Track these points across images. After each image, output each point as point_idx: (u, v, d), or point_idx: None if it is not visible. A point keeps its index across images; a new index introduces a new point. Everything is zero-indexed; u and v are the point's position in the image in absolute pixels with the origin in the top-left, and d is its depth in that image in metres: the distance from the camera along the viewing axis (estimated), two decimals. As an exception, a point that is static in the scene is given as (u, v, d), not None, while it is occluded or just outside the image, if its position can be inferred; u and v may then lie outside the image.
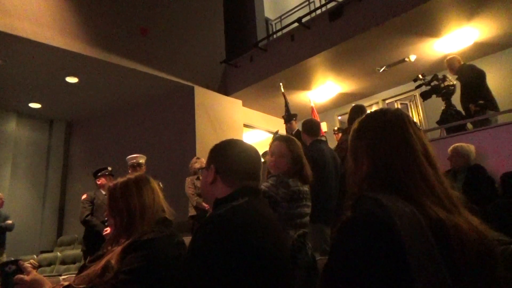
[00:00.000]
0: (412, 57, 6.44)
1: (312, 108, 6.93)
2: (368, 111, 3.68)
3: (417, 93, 6.57)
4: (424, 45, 6.13)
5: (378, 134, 0.92)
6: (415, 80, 5.32)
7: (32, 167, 7.92)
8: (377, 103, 7.93)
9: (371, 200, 0.78)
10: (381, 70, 6.84)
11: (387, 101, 7.87)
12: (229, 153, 1.34)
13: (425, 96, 5.17)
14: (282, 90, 6.50)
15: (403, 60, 6.55)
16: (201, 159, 5.46)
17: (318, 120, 6.37)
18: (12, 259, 1.34)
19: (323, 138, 3.55)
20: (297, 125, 5.35)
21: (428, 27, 5.64)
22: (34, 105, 7.54)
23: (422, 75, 5.30)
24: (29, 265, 1.33)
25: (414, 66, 6.64)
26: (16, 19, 5.14)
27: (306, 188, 2.17)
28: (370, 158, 0.90)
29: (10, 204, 6.17)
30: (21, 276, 1.26)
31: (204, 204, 4.95)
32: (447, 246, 0.73)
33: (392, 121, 0.92)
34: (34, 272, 1.30)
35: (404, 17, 5.34)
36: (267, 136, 8.46)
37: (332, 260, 0.79)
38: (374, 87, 7.64)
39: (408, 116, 0.95)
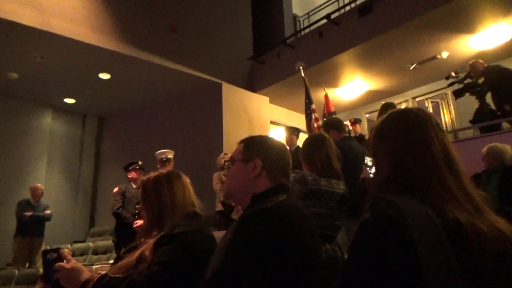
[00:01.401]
0: (444, 54, 6.27)
1: (325, 96, 6.71)
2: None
3: (449, 91, 6.40)
4: (457, 41, 5.94)
5: (397, 137, 0.90)
6: (447, 78, 5.19)
7: (66, 160, 8.24)
8: (406, 101, 7.76)
9: (386, 202, 0.78)
10: (411, 67, 6.69)
11: (417, 99, 7.69)
12: (272, 148, 1.34)
13: (457, 94, 5.03)
14: (303, 75, 6.32)
15: (435, 57, 6.38)
16: (228, 154, 5.51)
17: (333, 109, 6.42)
18: (53, 247, 1.42)
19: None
20: (297, 141, 5.07)
21: (462, 23, 5.46)
22: (69, 100, 7.82)
23: (455, 73, 5.16)
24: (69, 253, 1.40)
25: (446, 63, 6.45)
26: (52, 17, 5.35)
27: (336, 189, 2.13)
28: (389, 162, 0.89)
29: (46, 195, 6.45)
30: (62, 263, 1.33)
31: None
32: (464, 248, 0.72)
33: (413, 124, 0.91)
34: (73, 260, 1.37)
35: (436, 12, 5.19)
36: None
37: (348, 261, 0.80)
38: (403, 85, 7.48)
39: (431, 117, 0.93)
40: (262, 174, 1.29)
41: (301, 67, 6.34)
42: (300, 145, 3.25)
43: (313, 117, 6.06)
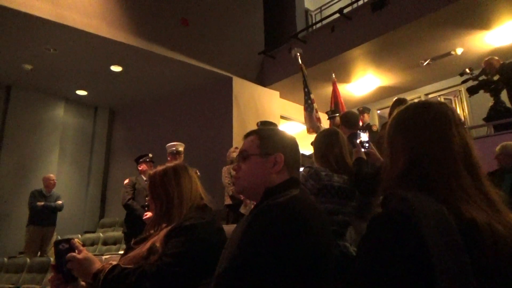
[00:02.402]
0: (459, 50, 6.17)
1: (333, 82, 6.47)
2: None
3: (462, 88, 6.31)
4: (472, 37, 5.84)
5: (416, 131, 0.88)
6: (461, 74, 5.11)
7: (77, 152, 8.34)
8: (419, 97, 7.67)
9: (399, 198, 0.76)
10: (424, 64, 6.60)
11: (430, 96, 7.59)
12: (289, 142, 1.33)
13: (472, 91, 4.96)
14: (300, 62, 6.13)
15: (449, 53, 6.28)
16: (238, 148, 5.52)
17: (340, 97, 6.24)
18: (65, 238, 1.43)
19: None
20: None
21: (477, 18, 5.36)
22: (81, 92, 7.90)
23: (469, 69, 5.08)
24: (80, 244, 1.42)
25: (460, 60, 6.35)
26: (66, 9, 5.39)
27: (348, 186, 2.12)
28: (406, 155, 0.86)
29: (57, 185, 6.54)
30: (74, 254, 1.34)
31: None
32: (478, 248, 0.71)
33: (434, 118, 0.87)
34: (85, 250, 1.38)
35: (451, 8, 5.11)
36: (304, 128, 8.41)
37: (358, 257, 0.79)
38: (416, 81, 7.39)
39: (453, 112, 0.89)
40: (283, 169, 1.27)
41: (298, 54, 6.14)
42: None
43: (314, 107, 5.88)
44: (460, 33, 5.74)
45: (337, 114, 5.26)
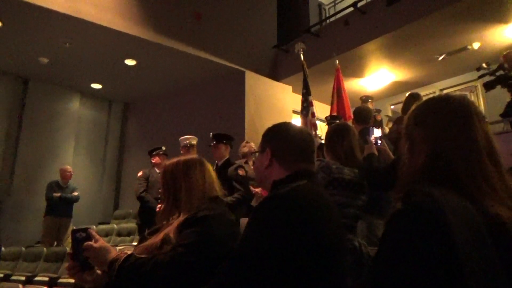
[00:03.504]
0: (476, 45, 6.05)
1: (337, 69, 6.05)
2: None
3: (479, 83, 6.20)
4: (490, 32, 5.72)
5: (439, 124, 0.86)
6: (478, 69, 5.02)
7: (92, 144, 8.47)
8: (434, 92, 7.56)
9: (423, 193, 0.74)
10: (440, 58, 6.50)
11: (445, 91, 7.47)
12: (284, 136, 1.34)
13: (488, 86, 4.86)
14: (302, 59, 5.82)
15: (465, 48, 6.17)
16: (250, 143, 5.54)
17: (343, 87, 5.88)
18: (83, 227, 1.47)
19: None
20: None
21: (495, 12, 5.25)
22: (96, 86, 8.00)
23: (486, 64, 4.98)
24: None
25: (477, 55, 6.23)
26: (81, 3, 5.45)
27: (358, 179, 2.12)
28: (428, 149, 0.84)
29: (72, 177, 6.66)
30: (90, 243, 1.38)
31: (251, 187, 5.04)
32: (505, 244, 0.69)
33: (457, 111, 0.86)
34: (101, 240, 1.42)
35: (468, 1, 5.00)
36: (317, 123, 8.37)
37: (380, 252, 0.77)
38: (431, 76, 7.29)
39: (475, 105, 0.88)
40: (273, 162, 1.30)
41: (301, 49, 5.87)
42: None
43: (310, 111, 5.50)
44: (477, 27, 5.63)
45: (338, 121, 4.87)
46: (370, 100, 6.03)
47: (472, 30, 5.70)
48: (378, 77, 7.25)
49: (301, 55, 5.79)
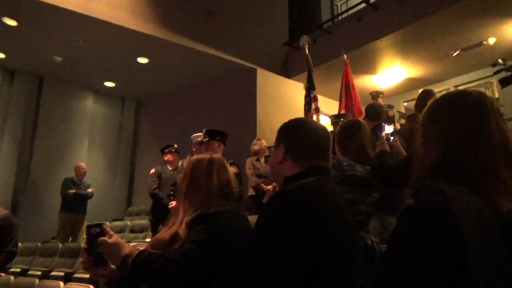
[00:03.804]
0: (491, 40, 5.94)
1: (346, 64, 5.76)
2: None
3: (494, 79, 6.09)
4: (506, 27, 5.60)
5: (453, 120, 0.85)
6: (494, 65, 4.93)
7: (106, 142, 8.59)
8: (448, 89, 7.45)
9: (433, 189, 0.74)
10: (454, 54, 6.39)
11: (459, 87, 7.37)
12: (298, 132, 1.33)
13: (504, 82, 4.78)
14: (307, 52, 5.64)
15: (481, 44, 6.06)
16: (261, 140, 5.55)
17: (353, 83, 5.59)
18: (97, 223, 1.50)
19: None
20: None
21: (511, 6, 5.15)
22: (109, 84, 8.10)
23: (502, 60, 4.89)
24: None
25: (492, 50, 6.12)
26: (94, 1, 5.52)
27: (370, 176, 2.10)
28: (441, 145, 0.84)
29: (87, 174, 6.77)
30: (104, 238, 1.40)
31: (263, 185, 5.05)
32: None
33: (473, 107, 0.84)
34: (115, 235, 1.44)
35: (484, -4, 4.92)
36: (328, 120, 8.33)
37: (389, 249, 0.77)
38: (445, 72, 7.18)
39: (492, 102, 0.86)
40: (286, 158, 1.30)
41: (306, 43, 5.68)
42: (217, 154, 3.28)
43: (313, 107, 5.33)
44: (493, 22, 5.52)
45: (342, 119, 4.59)
46: (380, 96, 5.86)
47: (488, 25, 5.60)
48: (391, 73, 7.17)
49: (306, 49, 5.64)
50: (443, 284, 0.65)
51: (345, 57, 5.83)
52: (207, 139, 3.93)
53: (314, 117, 5.11)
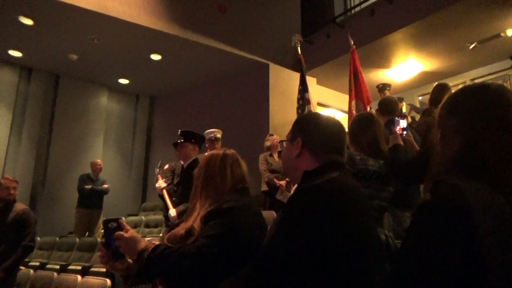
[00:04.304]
0: (509, 32, 5.80)
1: (352, 51, 5.43)
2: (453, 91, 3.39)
3: (512, 72, 5.95)
4: (525, 18, 5.47)
5: (473, 113, 0.83)
6: (511, 58, 4.83)
7: (120, 138, 8.70)
8: (464, 82, 7.31)
9: (450, 185, 0.73)
10: (471, 47, 6.27)
11: (476, 81, 7.22)
12: (316, 125, 1.32)
13: (522, 75, 4.67)
14: (299, 52, 5.35)
15: (498, 35, 5.92)
16: (273, 135, 5.55)
17: (360, 70, 5.28)
18: (114, 217, 1.52)
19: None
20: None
21: (531, -3, 5.01)
22: (123, 81, 8.19)
23: (520, 52, 4.78)
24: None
25: (510, 42, 5.98)
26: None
27: (383, 170, 2.08)
28: (461, 139, 0.82)
29: (102, 170, 6.87)
30: (121, 232, 1.42)
31: (275, 180, 5.06)
32: None
33: (494, 100, 0.83)
34: (132, 230, 1.47)
35: (502, -14, 4.80)
36: (342, 115, 8.28)
37: (405, 244, 0.77)
38: (461, 65, 7.04)
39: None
40: (303, 152, 1.28)
41: (297, 42, 5.42)
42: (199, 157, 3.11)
43: (306, 110, 5.05)
44: (510, 13, 5.38)
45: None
46: (387, 88, 5.63)
47: (505, 16, 5.46)
48: (405, 67, 7.08)
49: (298, 49, 5.32)
50: (458, 279, 0.65)
51: (352, 43, 5.51)
52: (181, 140, 3.80)
53: None
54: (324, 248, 1.03)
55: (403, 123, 2.46)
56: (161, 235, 5.32)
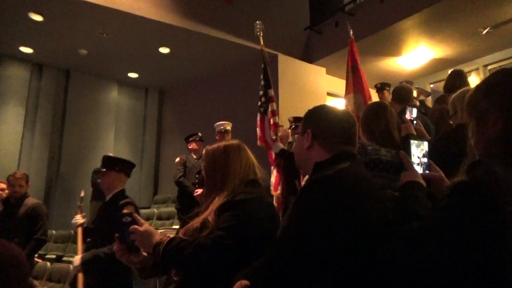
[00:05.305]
0: (524, 16, 5.66)
1: (351, 41, 4.85)
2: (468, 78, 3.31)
3: (527, 57, 5.82)
4: (540, 1, 5.33)
5: None
6: (526, 43, 4.71)
7: (131, 132, 8.77)
8: (477, 69, 7.19)
9: (486, 169, 0.74)
10: (484, 32, 6.13)
11: (489, 67, 7.08)
12: (325, 117, 1.33)
13: (537, 60, 4.57)
14: (261, 42, 4.69)
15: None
16: (284, 126, 5.53)
17: (357, 60, 4.73)
18: (128, 212, 1.55)
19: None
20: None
21: (547, -21, 4.88)
22: (132, 75, 8.23)
23: (535, 37, 4.66)
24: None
25: (525, 26, 5.84)
26: (115, -7, 5.59)
27: (395, 159, 2.08)
28: (501, 118, 0.82)
29: (114, 164, 6.95)
30: (136, 226, 1.45)
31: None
32: None
33: None
34: (146, 224, 1.49)
35: (516, -31, 4.68)
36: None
37: (431, 215, 0.80)
38: (474, 52, 6.91)
39: None
40: (314, 144, 1.29)
41: (260, 31, 4.74)
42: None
43: (270, 108, 4.31)
44: (526, -4, 5.26)
45: (298, 124, 4.09)
46: (387, 88, 5.34)
47: (520, 0, 5.34)
48: (416, 55, 6.97)
49: (261, 38, 4.68)
50: (473, 260, 0.68)
51: (351, 32, 4.93)
52: (103, 170, 3.18)
53: (271, 121, 4.25)
54: (337, 237, 1.03)
55: (414, 112, 2.43)
56: (174, 227, 5.39)
